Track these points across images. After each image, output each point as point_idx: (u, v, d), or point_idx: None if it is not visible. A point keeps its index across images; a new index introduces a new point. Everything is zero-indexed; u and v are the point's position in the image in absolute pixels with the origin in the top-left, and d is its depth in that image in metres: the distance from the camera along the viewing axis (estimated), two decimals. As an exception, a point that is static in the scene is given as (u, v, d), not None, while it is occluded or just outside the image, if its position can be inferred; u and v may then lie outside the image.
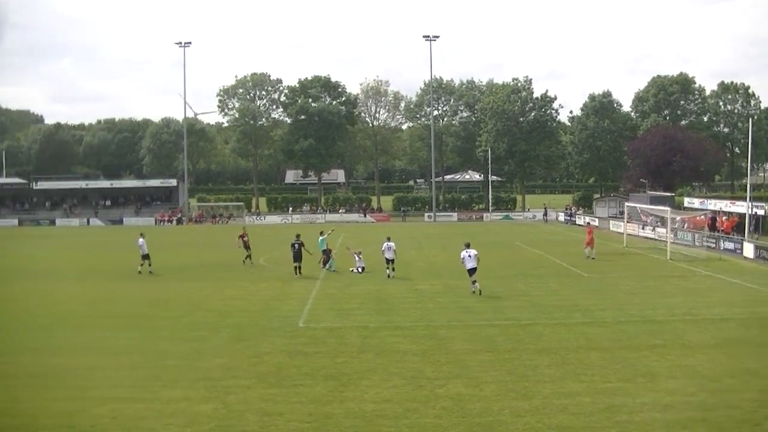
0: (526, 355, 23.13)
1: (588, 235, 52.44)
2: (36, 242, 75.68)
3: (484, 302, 33.11)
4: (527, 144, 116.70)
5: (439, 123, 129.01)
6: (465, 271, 35.83)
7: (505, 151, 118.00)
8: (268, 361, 22.92)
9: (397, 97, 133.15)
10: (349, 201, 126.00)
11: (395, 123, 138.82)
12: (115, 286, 40.19)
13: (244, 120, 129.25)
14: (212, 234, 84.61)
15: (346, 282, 40.73)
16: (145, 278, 43.56)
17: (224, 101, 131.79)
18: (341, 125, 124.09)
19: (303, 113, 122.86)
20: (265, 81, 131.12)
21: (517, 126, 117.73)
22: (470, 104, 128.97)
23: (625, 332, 26.50)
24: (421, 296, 35.31)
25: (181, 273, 45.93)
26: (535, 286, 38.22)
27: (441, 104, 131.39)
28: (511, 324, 28.12)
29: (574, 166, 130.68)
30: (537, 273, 44.07)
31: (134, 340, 26.29)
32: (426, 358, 23.01)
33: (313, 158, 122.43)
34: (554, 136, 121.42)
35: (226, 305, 33.34)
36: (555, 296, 34.90)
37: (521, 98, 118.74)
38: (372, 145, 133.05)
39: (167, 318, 30.39)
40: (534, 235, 76.07)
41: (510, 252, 57.72)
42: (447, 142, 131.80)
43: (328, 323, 28.94)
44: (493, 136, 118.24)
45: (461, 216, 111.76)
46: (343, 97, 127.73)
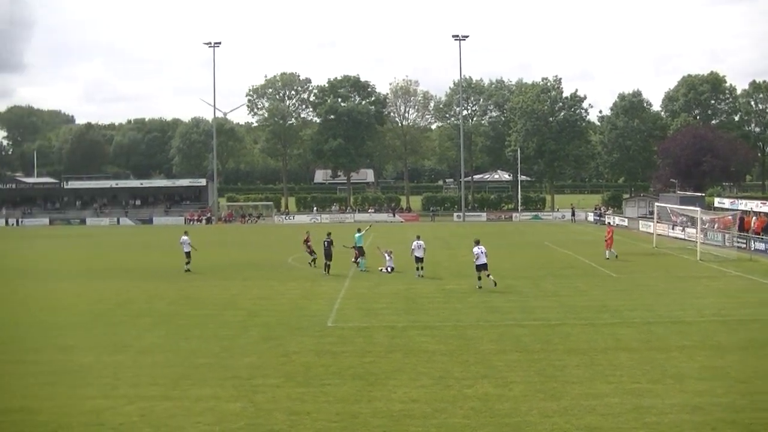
0: (555, 356, 23.07)
1: (608, 235, 52.04)
2: (68, 241, 76.44)
3: (513, 302, 33.05)
4: (556, 144, 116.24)
5: (469, 123, 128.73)
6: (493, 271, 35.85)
7: (534, 151, 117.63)
8: (296, 360, 23.02)
9: (427, 96, 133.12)
10: (378, 201, 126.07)
11: (424, 123, 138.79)
12: (148, 285, 40.49)
13: (273, 120, 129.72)
14: (241, 233, 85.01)
15: (374, 282, 40.77)
16: (176, 277, 43.82)
17: (254, 101, 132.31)
18: (370, 125, 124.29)
19: (332, 113, 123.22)
20: (294, 81, 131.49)
21: (547, 126, 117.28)
22: (499, 104, 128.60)
23: (654, 333, 26.35)
24: (450, 296, 35.29)
25: (210, 272, 46.16)
26: (563, 287, 38.08)
27: (470, 104, 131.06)
28: (540, 324, 28.05)
29: (604, 165, 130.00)
30: (566, 273, 43.90)
31: (164, 338, 26.52)
32: (454, 358, 23.00)
33: (343, 158, 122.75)
34: (584, 136, 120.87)
35: (255, 304, 33.51)
36: (584, 296, 34.77)
37: (551, 98, 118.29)
38: (401, 145, 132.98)
39: (197, 317, 30.58)
40: (563, 235, 75.75)
41: (539, 252, 57.52)
42: (476, 141, 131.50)
43: (357, 323, 29.00)
44: (523, 135, 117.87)
45: (490, 216, 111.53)
46: (373, 97, 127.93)
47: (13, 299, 36.83)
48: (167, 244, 69.17)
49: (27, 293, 38.64)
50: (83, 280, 43.58)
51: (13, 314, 32.07)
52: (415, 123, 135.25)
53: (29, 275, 46.48)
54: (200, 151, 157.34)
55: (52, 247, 69.23)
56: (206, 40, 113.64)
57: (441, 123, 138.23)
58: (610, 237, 51.87)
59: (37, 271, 49.27)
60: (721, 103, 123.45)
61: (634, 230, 79.77)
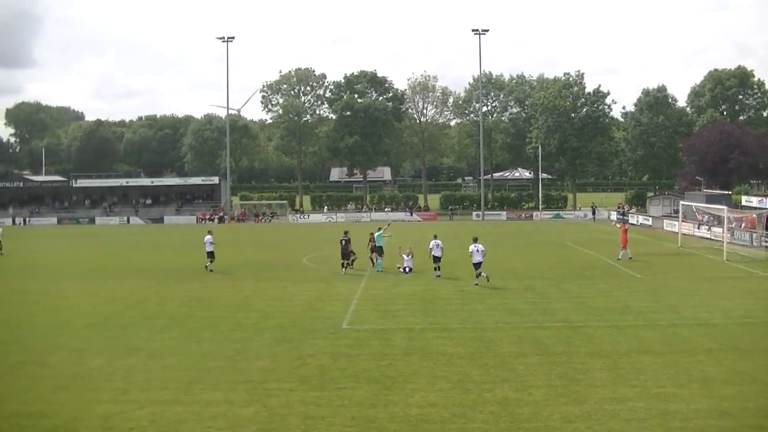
0: (577, 359, 23.00)
1: (622, 235, 51.49)
2: (76, 241, 76.79)
3: (533, 304, 32.97)
4: (579, 140, 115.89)
5: (488, 119, 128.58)
6: (513, 271, 35.80)
7: (555, 148, 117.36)
8: (310, 363, 23.03)
9: (445, 92, 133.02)
10: (396, 199, 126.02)
11: (443, 119, 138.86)
12: (159, 286, 40.65)
13: (288, 116, 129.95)
14: (255, 233, 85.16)
15: (391, 282, 40.75)
16: (188, 278, 43.94)
17: (268, 97, 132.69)
18: (388, 122, 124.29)
19: (348, 109, 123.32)
20: (309, 76, 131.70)
21: (569, 122, 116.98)
22: (520, 100, 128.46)
23: (680, 335, 26.24)
24: (468, 297, 35.24)
25: (223, 273, 46.24)
26: (585, 287, 37.97)
27: (490, 100, 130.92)
28: (561, 326, 27.98)
29: (627, 163, 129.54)
30: (588, 274, 43.76)
31: (176, 340, 26.59)
32: (473, 361, 22.97)
33: (359, 155, 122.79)
34: (607, 133, 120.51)
35: (268, 306, 33.56)
36: (606, 298, 34.65)
37: (573, 93, 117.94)
38: (419, 142, 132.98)
39: (209, 318, 30.67)
40: (585, 234, 75.51)
41: (560, 252, 57.37)
42: (496, 138, 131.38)
43: (373, 325, 28.99)
44: (544, 132, 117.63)
45: (510, 215, 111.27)
46: (390, 93, 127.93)
47: (23, 300, 37.02)
48: (179, 244, 69.49)
49: (36, 294, 38.84)
50: (93, 280, 43.75)
51: (22, 315, 32.25)
52: (434, 119, 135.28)
53: (38, 275, 46.75)
54: (213, 148, 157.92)
55: (60, 246, 69.55)
56: (219, 35, 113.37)
57: (460, 119, 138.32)
58: (624, 236, 51.39)
59: (46, 271, 49.56)
60: (749, 99, 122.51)
61: (659, 229, 79.44)
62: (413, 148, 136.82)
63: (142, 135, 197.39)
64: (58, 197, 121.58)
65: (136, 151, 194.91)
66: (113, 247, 68.82)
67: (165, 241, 73.62)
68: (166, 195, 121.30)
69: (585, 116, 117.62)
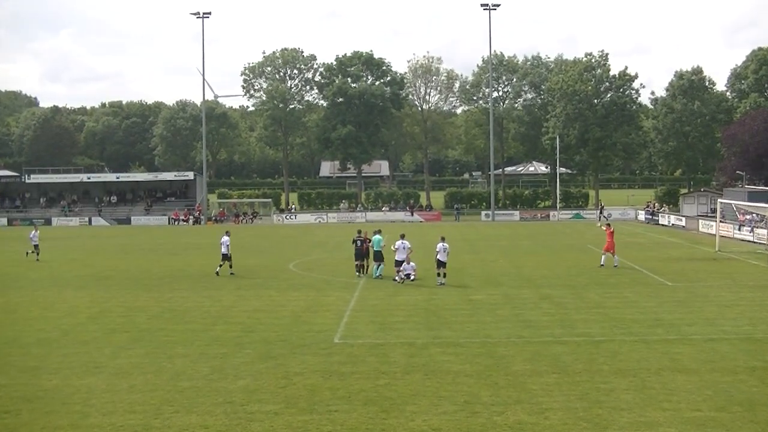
0: (600, 378, 22.98)
1: (608, 238, 50.79)
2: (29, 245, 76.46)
3: (550, 315, 32.97)
4: (602, 130, 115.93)
5: (500, 106, 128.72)
6: (527, 279, 35.80)
7: (576, 139, 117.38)
8: (298, 382, 23.00)
9: (451, 76, 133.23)
10: (394, 197, 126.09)
11: (448, 107, 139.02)
12: (125, 295, 40.61)
13: (272, 103, 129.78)
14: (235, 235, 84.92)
15: (389, 291, 40.74)
16: (158, 286, 43.91)
17: (250, 81, 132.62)
18: (385, 109, 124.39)
19: (341, 95, 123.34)
20: (297, 58, 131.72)
21: (591, 109, 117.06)
22: (536, 84, 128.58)
23: (718, 352, 26.22)
24: (477, 308, 35.24)
25: (199, 280, 46.22)
26: (609, 297, 37.97)
27: (502, 84, 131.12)
28: (582, 341, 27.97)
29: (658, 155, 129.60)
30: (612, 281, 43.78)
31: (145, 357, 26.53)
32: (482, 380, 22.94)
33: (353, 148, 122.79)
34: (634, 121, 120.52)
35: (250, 318, 33.52)
36: (633, 308, 34.63)
37: (596, 77, 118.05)
38: (421, 133, 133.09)
39: (183, 332, 30.61)
40: (610, 237, 75.49)
41: (581, 256, 57.39)
42: (508, 128, 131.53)
43: (369, 339, 28.97)
44: (563, 121, 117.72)
45: (524, 215, 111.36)
46: (388, 77, 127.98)
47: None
48: (148, 248, 69.45)
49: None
50: (47, 290, 43.61)
51: (-31, 329, 32.16)
52: (438, 107, 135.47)
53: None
54: (187, 139, 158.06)
55: (9, 251, 69.18)
56: (194, 10, 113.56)
57: (467, 107, 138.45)
58: (610, 239, 50.55)
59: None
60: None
61: (693, 231, 79.51)
62: (414, 140, 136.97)
63: (106, 124, 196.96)
64: (8, 195, 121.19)
65: (99, 143, 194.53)
66: (72, 251, 68.67)
67: (132, 245, 73.54)
68: (134, 192, 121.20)
69: (609, 103, 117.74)
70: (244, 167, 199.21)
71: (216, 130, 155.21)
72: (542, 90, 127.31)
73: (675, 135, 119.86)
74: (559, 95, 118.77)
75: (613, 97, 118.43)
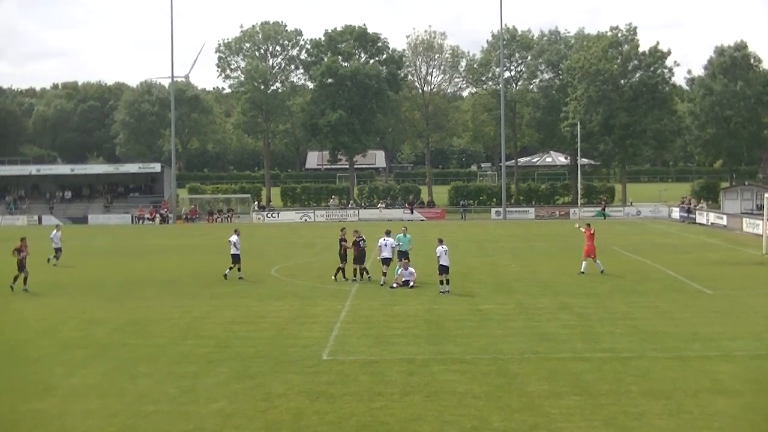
0: (628, 400, 22.95)
1: (587, 241, 50.33)
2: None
3: (570, 327, 32.94)
4: (630, 115, 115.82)
5: (512, 88, 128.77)
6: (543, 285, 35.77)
7: (600, 125, 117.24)
8: (280, 405, 22.95)
9: (456, 53, 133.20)
10: (392, 192, 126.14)
11: (453, 89, 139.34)
12: (83, 306, 40.52)
13: (251, 85, 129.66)
14: (208, 236, 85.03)
15: (385, 300, 40.70)
16: (121, 295, 43.83)
17: (225, 60, 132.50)
18: (381, 92, 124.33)
19: (330, 76, 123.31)
20: (279, 33, 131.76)
21: (617, 91, 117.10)
22: (554, 63, 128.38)
23: (765, 370, 26.24)
24: (486, 319, 35.23)
25: (167, 288, 46.16)
26: (639, 306, 37.96)
27: (514, 63, 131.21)
28: (607, 357, 27.94)
29: (694, 144, 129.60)
30: (642, 288, 43.78)
31: (103, 377, 26.45)
32: (492, 402, 22.91)
33: (344, 136, 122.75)
34: (667, 105, 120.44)
35: (225, 331, 33.47)
36: (666, 320, 34.63)
37: (622, 54, 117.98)
38: (422, 119, 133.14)
39: (148, 348, 30.54)
40: (638, 237, 75.59)
41: (605, 260, 57.23)
42: (522, 113, 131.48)
43: (362, 355, 28.94)
44: (584, 104, 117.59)
45: (540, 212, 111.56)
46: (384, 55, 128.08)
47: None
48: (108, 251, 69.45)
49: None
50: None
51: None
52: (441, 89, 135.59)
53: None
54: (154, 126, 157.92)
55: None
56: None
57: (475, 89, 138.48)
58: (590, 242, 50.05)
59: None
60: None
61: (736, 231, 79.53)
62: (414, 126, 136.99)
63: (59, 108, 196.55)
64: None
65: (51, 129, 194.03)
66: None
67: (90, 248, 73.46)
68: (91, 187, 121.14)
69: (638, 83, 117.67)
70: (219, 158, 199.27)
71: (187, 116, 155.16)
72: (561, 69, 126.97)
73: (714, 120, 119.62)
74: (581, 75, 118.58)
75: (642, 77, 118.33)
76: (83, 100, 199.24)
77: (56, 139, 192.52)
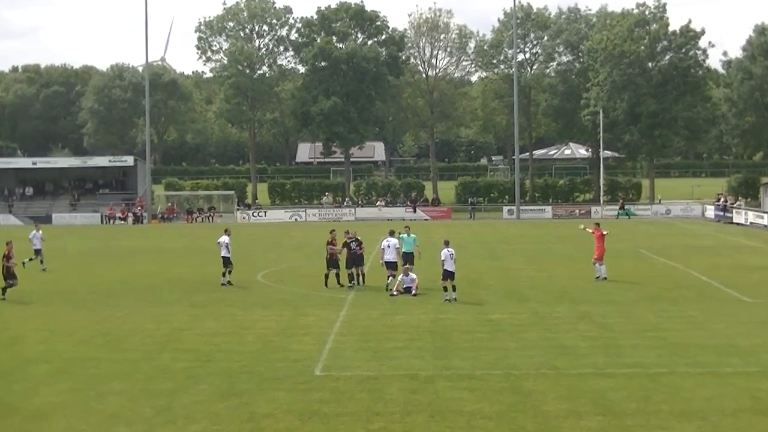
0: (657, 421, 22.94)
1: (597, 243, 50.17)
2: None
3: (592, 339, 32.93)
4: (659, 102, 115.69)
5: (527, 72, 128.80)
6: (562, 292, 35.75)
7: (625, 114, 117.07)
8: (268, 427, 22.95)
9: (464, 34, 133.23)
10: (392, 189, 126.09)
11: (460, 73, 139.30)
12: (47, 316, 40.50)
13: (235, 68, 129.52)
14: (188, 238, 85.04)
15: (385, 308, 40.70)
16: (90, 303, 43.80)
17: (206, 40, 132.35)
18: (380, 76, 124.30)
19: (324, 58, 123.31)
20: (267, 10, 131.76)
21: (644, 75, 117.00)
22: (573, 44, 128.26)
23: (810, 387, 26.20)
24: (497, 330, 35.25)
25: (141, 296, 46.12)
26: (669, 316, 37.95)
27: (529, 44, 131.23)
28: (634, 373, 27.91)
29: (731, 134, 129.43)
30: (672, 296, 43.78)
31: (70, 395, 26.39)
32: (504, 423, 22.92)
33: (339, 125, 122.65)
34: (700, 90, 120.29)
35: (207, 344, 33.45)
36: (700, 331, 34.61)
37: (650, 33, 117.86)
38: (426, 106, 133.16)
39: (120, 362, 30.50)
40: (668, 238, 75.58)
41: (632, 264, 57.41)
42: (538, 100, 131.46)
43: (359, 370, 28.91)
44: (608, 90, 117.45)
45: (558, 211, 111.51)
46: (384, 35, 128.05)
47: None
48: (75, 254, 69.42)
49: None
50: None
51: None
52: (447, 73, 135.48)
53: None
54: (126, 114, 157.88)
55: None
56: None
57: (485, 73, 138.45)
58: (600, 245, 49.96)
59: None
60: None
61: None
62: (417, 115, 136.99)
63: (19, 94, 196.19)
64: None
65: (10, 118, 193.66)
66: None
67: (55, 250, 73.27)
68: (56, 183, 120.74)
69: (668, 67, 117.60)
70: (199, 150, 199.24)
71: (163, 103, 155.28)
72: (581, 51, 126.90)
73: (754, 108, 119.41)
74: (603, 58, 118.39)
75: (672, 59, 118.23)
76: (46, 84, 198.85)
77: (16, 128, 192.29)
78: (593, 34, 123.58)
